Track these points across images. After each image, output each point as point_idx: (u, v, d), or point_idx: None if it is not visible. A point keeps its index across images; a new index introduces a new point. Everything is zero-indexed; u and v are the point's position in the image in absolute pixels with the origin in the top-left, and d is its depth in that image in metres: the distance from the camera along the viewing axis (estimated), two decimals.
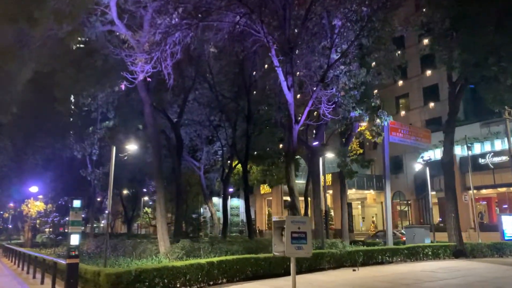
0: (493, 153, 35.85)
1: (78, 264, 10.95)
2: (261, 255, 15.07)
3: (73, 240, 10.85)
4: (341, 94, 21.18)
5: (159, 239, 18.35)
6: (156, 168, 19.03)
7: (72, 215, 10.95)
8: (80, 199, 11.16)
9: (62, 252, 25.34)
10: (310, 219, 18.88)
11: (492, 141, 37.60)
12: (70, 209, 10.99)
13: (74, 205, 10.98)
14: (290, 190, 18.39)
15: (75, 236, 10.89)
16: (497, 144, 36.52)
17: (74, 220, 10.96)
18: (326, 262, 16.73)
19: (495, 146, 36.60)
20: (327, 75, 18.76)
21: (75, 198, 11.07)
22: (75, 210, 10.98)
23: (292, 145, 18.46)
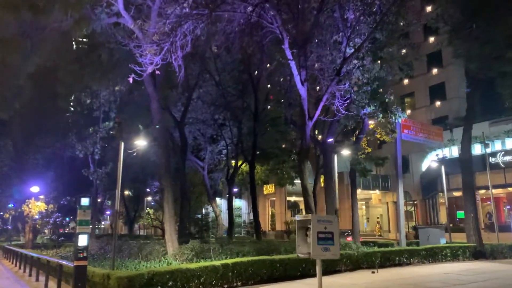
0: (504, 152, 35.08)
1: (86, 267, 10.21)
2: (276, 257, 14.34)
3: (81, 241, 10.11)
4: (354, 90, 20.50)
5: (167, 240, 17.59)
6: (164, 165, 18.27)
7: (80, 214, 10.21)
8: (88, 196, 10.42)
9: (65, 254, 24.59)
10: None
11: (503, 139, 36.83)
12: (77, 208, 10.25)
13: (82, 203, 10.24)
14: (304, 189, 17.66)
15: (83, 237, 10.14)
16: (508, 143, 35.74)
17: (82, 219, 10.22)
18: (342, 264, 16.00)
19: (506, 145, 35.81)
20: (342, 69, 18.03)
21: (83, 195, 10.33)
22: (83, 208, 10.24)
23: (305, 142, 17.75)
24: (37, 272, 16.88)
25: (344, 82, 18.12)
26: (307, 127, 17.60)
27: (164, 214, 18.29)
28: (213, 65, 28.62)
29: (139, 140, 15.08)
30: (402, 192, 23.94)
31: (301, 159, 17.90)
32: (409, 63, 21.88)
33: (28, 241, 34.65)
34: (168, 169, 18.64)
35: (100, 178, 35.23)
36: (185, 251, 16.57)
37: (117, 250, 22.35)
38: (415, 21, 20.74)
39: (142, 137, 15.36)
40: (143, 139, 15.26)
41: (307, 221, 9.60)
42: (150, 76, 17.89)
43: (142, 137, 15.30)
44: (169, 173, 18.70)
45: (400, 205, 23.72)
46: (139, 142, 15.21)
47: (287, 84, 22.01)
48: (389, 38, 20.61)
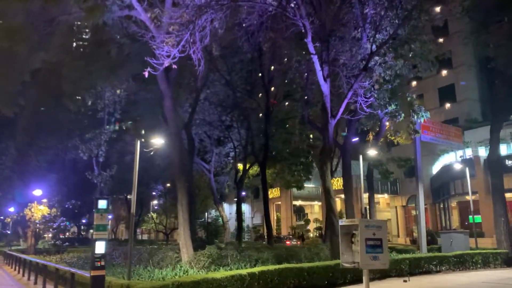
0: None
1: (104, 277, 9.16)
2: (304, 265, 13.29)
3: (99, 248, 9.06)
4: (375, 88, 19.53)
5: (181, 246, 16.54)
6: (178, 166, 17.24)
7: (97, 218, 9.18)
8: (106, 199, 9.40)
9: (70, 259, 23.56)
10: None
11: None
12: (94, 211, 9.22)
13: (99, 206, 9.21)
14: (326, 191, 16.64)
15: (101, 243, 9.11)
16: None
17: (99, 223, 9.19)
18: (371, 271, 14.92)
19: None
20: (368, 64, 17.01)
21: (100, 197, 9.30)
22: (100, 212, 9.22)
23: (328, 142, 16.74)
24: (44, 280, 15.77)
25: (365, 79, 17.13)
26: (329, 125, 16.61)
27: (178, 218, 17.26)
28: (223, 63, 27.65)
29: (156, 138, 14.07)
30: (422, 196, 22.92)
31: (323, 160, 16.88)
32: (432, 60, 20.89)
33: (30, 246, 33.54)
34: (182, 170, 17.62)
35: (105, 181, 34.20)
36: (201, 258, 15.54)
37: (125, 256, 21.34)
38: (439, 16, 19.76)
39: (159, 135, 14.28)
40: (160, 137, 14.23)
41: (352, 227, 8.60)
42: (164, 72, 16.92)
43: (158, 135, 14.21)
44: (183, 174, 17.67)
45: (421, 209, 22.70)
46: (156, 141, 14.16)
47: (304, 82, 21.01)
48: (411, 34, 19.64)
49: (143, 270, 15.45)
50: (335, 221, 16.52)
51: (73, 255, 26.38)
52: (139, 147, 13.19)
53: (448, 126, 26.50)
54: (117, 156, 38.34)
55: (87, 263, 21.13)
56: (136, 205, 48.45)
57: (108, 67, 19.87)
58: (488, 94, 46.99)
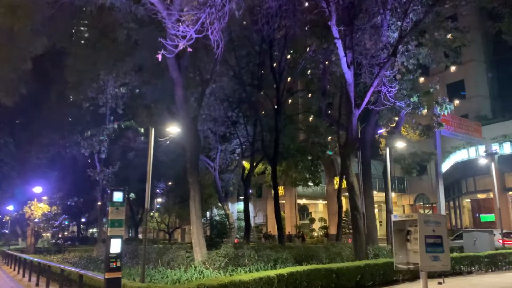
0: None
1: (120, 280, 8.04)
2: (333, 266, 12.18)
3: (114, 247, 7.95)
4: (397, 78, 18.51)
5: (194, 245, 15.41)
6: (190, 160, 16.07)
7: (112, 212, 8.06)
8: (121, 190, 8.27)
9: (72, 259, 22.49)
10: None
11: None
12: (109, 205, 8.10)
13: (115, 198, 8.09)
14: (350, 186, 15.53)
15: (116, 241, 7.99)
16: None
17: (114, 219, 8.06)
18: (400, 273, 13.84)
19: None
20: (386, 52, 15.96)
21: (115, 189, 8.19)
22: (115, 205, 8.10)
23: (352, 133, 15.64)
24: (47, 282, 14.63)
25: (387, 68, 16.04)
26: (353, 116, 15.51)
27: (190, 215, 16.12)
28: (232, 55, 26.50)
29: (171, 126, 12.86)
30: (442, 193, 21.98)
31: (346, 153, 15.77)
32: (456, 49, 19.87)
33: (30, 245, 32.38)
34: (195, 164, 16.47)
35: (107, 178, 33.00)
36: (216, 257, 14.42)
37: (131, 255, 20.24)
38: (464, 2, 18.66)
39: (174, 123, 13.07)
40: (176, 125, 13.00)
41: (407, 222, 7.49)
42: (175, 59, 15.80)
43: (173, 124, 12.99)
44: (196, 168, 16.53)
45: (441, 207, 21.68)
46: (171, 129, 12.97)
47: (320, 72, 19.93)
48: (435, 21, 18.59)
49: (154, 271, 14.34)
50: (360, 219, 15.48)
51: (75, 254, 25.35)
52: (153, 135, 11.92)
53: (467, 121, 25.49)
54: (119, 153, 37.23)
55: (91, 263, 20.05)
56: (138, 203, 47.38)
57: (115, 56, 18.78)
58: (498, 90, 46.09)
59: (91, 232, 73.58)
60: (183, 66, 16.45)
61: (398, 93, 18.45)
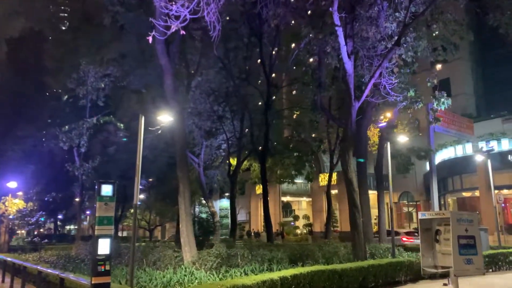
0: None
1: (109, 285, 7.03)
2: (337, 267, 11.36)
3: (102, 247, 6.94)
4: (395, 71, 17.83)
5: (183, 244, 14.41)
6: (180, 152, 15.04)
7: (100, 208, 7.04)
8: (111, 183, 7.27)
9: (48, 258, 21.18)
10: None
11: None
12: (97, 199, 7.08)
13: (103, 192, 7.08)
14: (349, 182, 14.75)
15: (105, 242, 6.99)
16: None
17: (102, 215, 7.05)
18: (402, 273, 13.17)
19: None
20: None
21: (104, 182, 7.18)
22: (104, 200, 7.09)
23: (351, 127, 14.87)
24: (23, 284, 13.42)
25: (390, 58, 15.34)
26: (353, 109, 14.75)
27: (179, 212, 15.13)
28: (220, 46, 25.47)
29: (162, 115, 11.78)
30: (436, 189, 21.50)
31: (345, 147, 14.98)
32: (454, 43, 19.30)
33: (3, 243, 30.79)
34: (184, 158, 15.46)
35: (87, 173, 31.59)
36: (209, 257, 13.47)
37: (115, 255, 19.07)
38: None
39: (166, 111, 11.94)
40: (168, 114, 11.89)
41: (434, 221, 6.70)
42: (164, 45, 14.76)
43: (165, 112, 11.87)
44: (185, 162, 15.53)
45: (435, 204, 21.20)
46: (163, 118, 11.90)
47: (315, 64, 19.14)
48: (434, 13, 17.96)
49: (140, 272, 13.31)
50: (359, 217, 14.74)
51: (52, 253, 24.01)
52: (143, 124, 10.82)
53: (460, 117, 25.10)
54: (99, 147, 35.82)
55: (69, 262, 18.79)
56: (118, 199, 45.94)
57: (99, 42, 17.59)
58: (483, 88, 46.23)
59: (68, 229, 71.55)
60: (173, 53, 15.42)
61: (395, 86, 17.82)
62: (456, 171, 36.59)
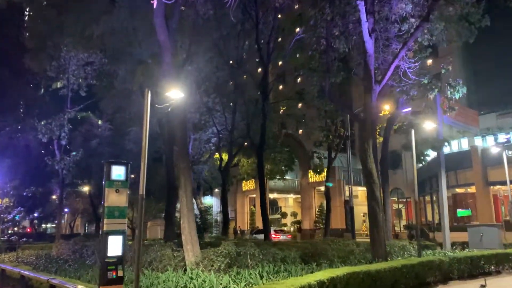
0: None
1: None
2: (370, 268, 9.94)
3: (113, 247, 5.33)
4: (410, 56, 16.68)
5: (184, 242, 12.78)
6: (180, 142, 13.41)
7: (110, 196, 5.43)
8: (124, 164, 5.67)
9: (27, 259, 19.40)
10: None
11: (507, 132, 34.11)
12: (104, 185, 5.47)
13: (114, 176, 5.49)
14: (369, 174, 13.39)
15: (116, 240, 5.39)
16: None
17: (113, 206, 5.45)
18: (432, 274, 11.87)
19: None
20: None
21: (114, 162, 5.58)
22: (115, 185, 5.49)
23: (371, 113, 13.52)
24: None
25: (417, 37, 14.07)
26: (373, 92, 13.40)
27: (180, 207, 13.51)
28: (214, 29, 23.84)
29: (172, 91, 10.04)
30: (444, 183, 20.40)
31: (365, 136, 13.61)
32: (471, 28, 18.12)
33: None
34: (185, 147, 13.84)
35: (67, 167, 29.51)
36: (215, 257, 11.90)
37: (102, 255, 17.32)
38: None
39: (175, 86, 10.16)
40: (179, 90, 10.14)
41: None
42: (163, 19, 13.12)
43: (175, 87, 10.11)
44: (186, 151, 13.91)
45: (444, 199, 20.14)
46: (172, 94, 10.17)
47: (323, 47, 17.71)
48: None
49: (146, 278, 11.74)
50: (379, 212, 13.39)
51: (30, 253, 22.25)
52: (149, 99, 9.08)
53: (466, 109, 24.06)
54: (81, 140, 33.77)
55: (51, 263, 16.92)
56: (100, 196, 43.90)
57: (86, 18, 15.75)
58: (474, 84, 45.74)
59: (44, 227, 68.69)
60: (172, 29, 13.78)
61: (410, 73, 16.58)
62: (450, 167, 35.81)
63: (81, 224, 76.78)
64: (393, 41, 15.02)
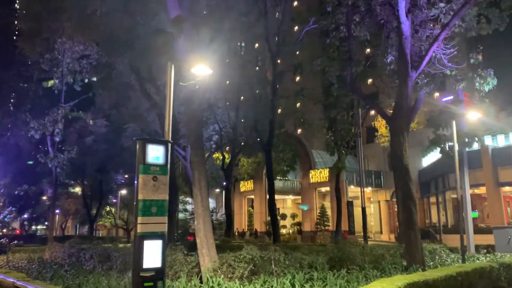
0: None
1: None
2: (427, 276, 8.51)
3: (150, 256, 3.85)
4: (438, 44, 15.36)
5: (199, 245, 11.28)
6: (194, 133, 11.90)
7: (146, 185, 3.95)
8: (162, 142, 4.22)
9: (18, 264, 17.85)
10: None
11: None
12: (139, 171, 4.00)
13: (150, 158, 4.02)
14: (403, 170, 12.05)
15: (154, 246, 3.91)
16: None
17: (149, 199, 3.99)
18: (483, 282, 10.50)
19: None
20: None
21: (151, 140, 4.13)
22: (151, 171, 4.03)
23: (407, 102, 12.19)
24: None
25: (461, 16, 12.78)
26: (409, 79, 12.09)
27: (194, 206, 12.04)
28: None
29: (197, 67, 8.50)
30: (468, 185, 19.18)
31: (398, 127, 12.26)
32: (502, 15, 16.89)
33: None
34: (199, 139, 12.33)
35: (61, 166, 27.89)
36: (237, 263, 10.45)
37: (104, 258, 15.82)
38: None
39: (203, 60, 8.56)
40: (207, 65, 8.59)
41: None
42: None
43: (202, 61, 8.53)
44: (201, 144, 12.42)
45: (467, 201, 18.90)
46: (197, 71, 8.63)
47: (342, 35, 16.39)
48: None
49: None
50: (415, 212, 12.06)
51: (21, 256, 20.62)
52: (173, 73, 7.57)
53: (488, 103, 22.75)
54: (75, 137, 32.19)
55: (45, 268, 15.46)
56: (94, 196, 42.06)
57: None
58: None
59: (34, 229, 66.66)
60: (185, 6, 12.28)
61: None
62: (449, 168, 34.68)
63: (72, 226, 74.76)
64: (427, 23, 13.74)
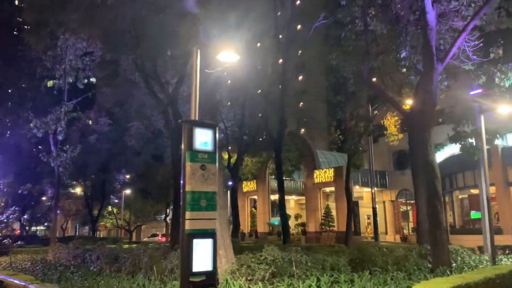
0: None
1: None
2: (467, 279, 7.96)
3: (200, 259, 3.26)
4: None
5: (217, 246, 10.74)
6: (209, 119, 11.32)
7: (193, 174, 3.33)
8: (210, 126, 3.65)
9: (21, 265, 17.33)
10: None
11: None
12: (185, 158, 3.42)
13: (197, 143, 3.43)
14: (429, 167, 11.52)
15: (204, 245, 3.34)
16: None
17: (198, 191, 3.43)
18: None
19: None
20: None
21: (199, 123, 3.57)
22: (199, 159, 3.41)
23: (432, 97, 11.63)
24: None
25: None
26: (434, 72, 11.52)
27: None
28: None
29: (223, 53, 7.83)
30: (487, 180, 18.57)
31: (425, 124, 11.71)
32: None
33: None
34: None
35: (64, 165, 27.28)
36: (257, 265, 9.89)
37: (111, 260, 15.26)
38: None
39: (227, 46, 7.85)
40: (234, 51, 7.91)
41: None
42: None
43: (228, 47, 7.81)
44: None
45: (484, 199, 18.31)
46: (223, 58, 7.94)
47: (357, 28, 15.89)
48: None
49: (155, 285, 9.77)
50: (440, 211, 11.53)
51: (24, 257, 20.13)
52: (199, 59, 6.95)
53: None
54: (78, 136, 31.66)
55: (50, 269, 14.93)
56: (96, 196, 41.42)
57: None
58: None
59: (34, 230, 65.98)
60: None
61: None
62: (467, 166, 34.16)
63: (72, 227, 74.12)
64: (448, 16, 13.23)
